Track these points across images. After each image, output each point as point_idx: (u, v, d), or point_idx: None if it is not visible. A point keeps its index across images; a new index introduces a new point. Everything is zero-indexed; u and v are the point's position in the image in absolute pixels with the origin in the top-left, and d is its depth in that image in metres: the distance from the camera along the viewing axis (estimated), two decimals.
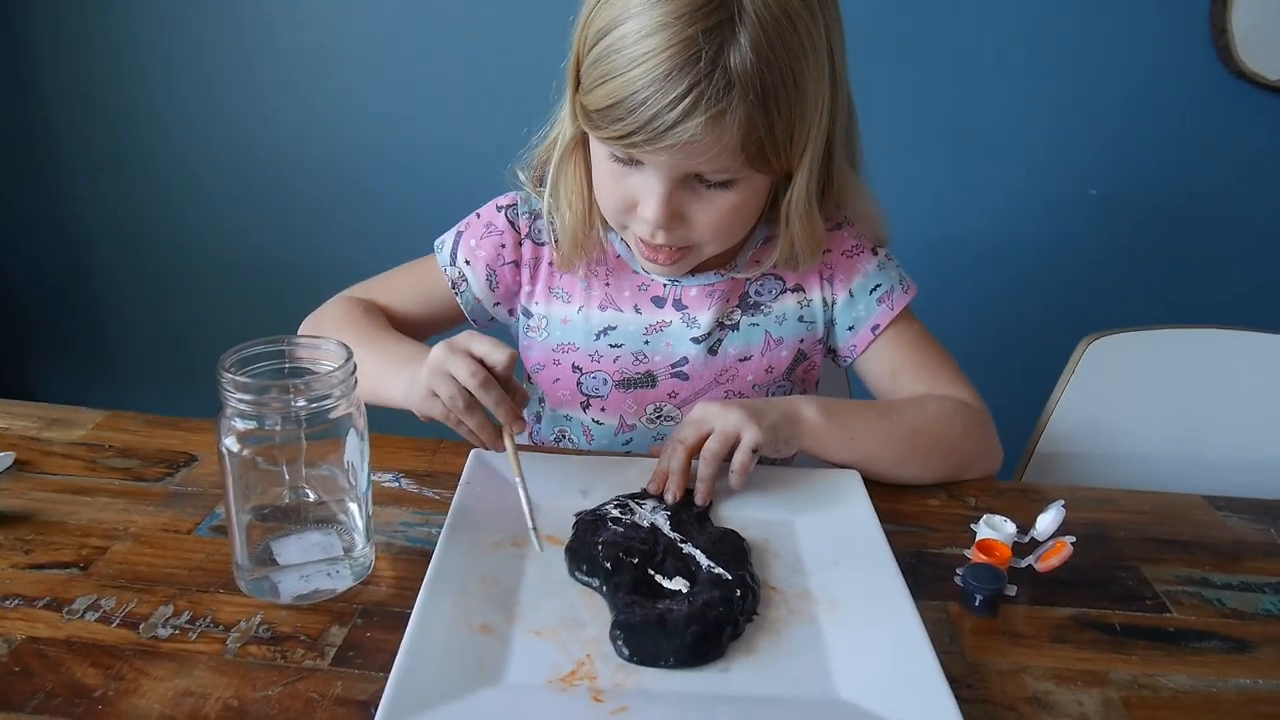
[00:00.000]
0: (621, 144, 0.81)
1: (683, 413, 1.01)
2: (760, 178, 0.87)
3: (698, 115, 0.76)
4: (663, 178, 0.83)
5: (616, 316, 1.01)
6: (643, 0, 0.77)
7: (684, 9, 0.75)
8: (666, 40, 0.76)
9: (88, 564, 0.73)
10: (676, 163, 0.81)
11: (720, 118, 0.77)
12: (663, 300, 1.00)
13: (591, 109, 0.81)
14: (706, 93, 0.76)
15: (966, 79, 1.80)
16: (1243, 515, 0.91)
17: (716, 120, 0.77)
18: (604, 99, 0.79)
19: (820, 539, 0.79)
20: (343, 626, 0.68)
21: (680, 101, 0.76)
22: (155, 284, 2.10)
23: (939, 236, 1.90)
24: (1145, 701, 0.65)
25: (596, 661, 0.64)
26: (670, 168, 0.82)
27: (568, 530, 0.77)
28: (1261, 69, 1.72)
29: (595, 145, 0.88)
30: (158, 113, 1.93)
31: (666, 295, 1.00)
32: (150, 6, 1.84)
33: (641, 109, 0.77)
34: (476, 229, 1.03)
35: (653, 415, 1.03)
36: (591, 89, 0.81)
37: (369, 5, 1.82)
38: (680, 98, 0.76)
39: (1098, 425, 1.18)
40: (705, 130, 0.77)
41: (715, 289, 0.99)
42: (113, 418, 0.96)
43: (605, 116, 0.80)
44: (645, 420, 1.03)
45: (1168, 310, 1.92)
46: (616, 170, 0.87)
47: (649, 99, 0.77)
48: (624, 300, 1.01)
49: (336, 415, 0.68)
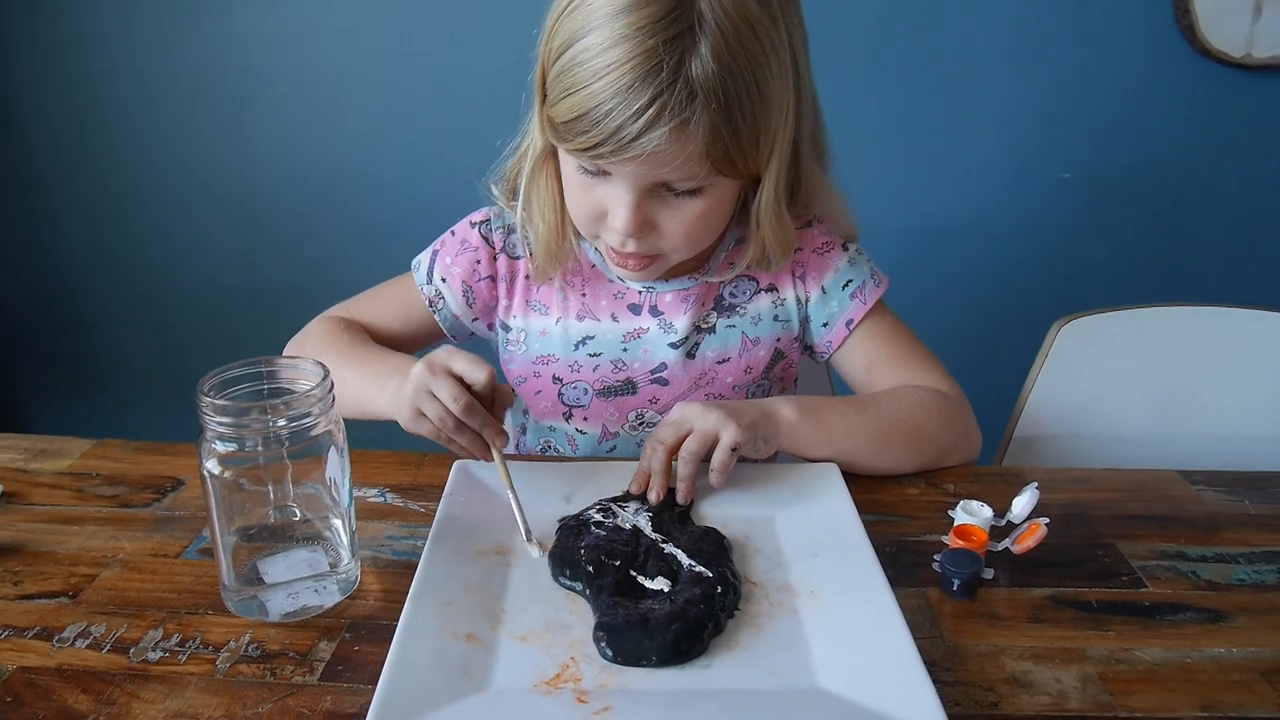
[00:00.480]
0: (588, 155, 0.82)
1: (664, 418, 1.02)
2: (727, 183, 0.87)
3: (661, 125, 0.77)
4: (631, 188, 0.84)
5: (594, 326, 1.02)
6: (604, 13, 0.78)
7: (644, 20, 0.76)
8: (628, 52, 0.76)
9: (77, 592, 0.74)
10: (643, 173, 0.82)
11: (684, 127, 0.78)
12: (639, 307, 1.01)
13: (558, 121, 0.82)
14: (670, 103, 0.77)
15: (937, 68, 1.82)
16: (1218, 488, 0.93)
17: (681, 130, 0.78)
18: (569, 111, 0.80)
19: (800, 532, 0.80)
20: (331, 641, 0.69)
21: (644, 113, 0.77)
22: (141, 310, 2.11)
23: (914, 224, 1.92)
24: (1122, 675, 0.67)
25: (581, 664, 0.65)
26: (637, 178, 0.83)
27: (552, 536, 0.78)
28: (1225, 47, 1.74)
29: (564, 156, 0.89)
30: (139, 137, 1.94)
31: (643, 302, 1.01)
32: (129, 31, 1.85)
33: (606, 121, 0.78)
34: (451, 246, 1.04)
35: (635, 422, 1.04)
36: (557, 101, 0.82)
37: (345, 25, 1.83)
38: (643, 109, 0.77)
39: (1074, 407, 1.19)
40: (670, 140, 0.78)
41: (690, 293, 1.01)
42: (100, 446, 0.97)
43: (571, 129, 0.81)
44: (628, 427, 1.04)
45: (1141, 290, 1.94)
46: (585, 181, 0.88)
47: (613, 111, 0.78)
48: (601, 309, 1.02)
49: (316, 433, 0.69)
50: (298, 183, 1.96)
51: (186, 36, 1.85)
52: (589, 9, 0.79)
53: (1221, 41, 1.73)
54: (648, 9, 0.76)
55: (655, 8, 0.76)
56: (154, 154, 1.96)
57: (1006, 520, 0.82)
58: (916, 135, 1.87)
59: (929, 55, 1.81)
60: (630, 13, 0.77)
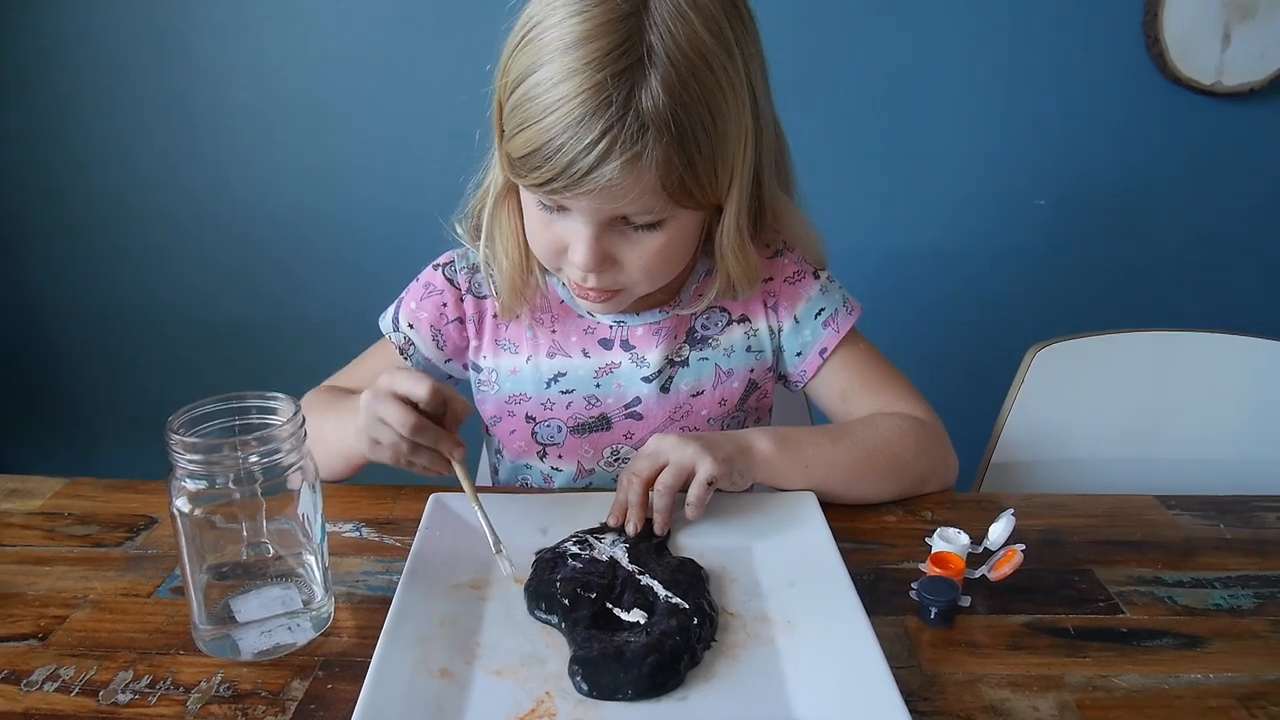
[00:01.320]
0: (543, 190, 0.82)
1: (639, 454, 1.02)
2: (688, 215, 0.87)
3: (613, 159, 0.77)
4: (589, 222, 0.84)
5: (565, 363, 1.01)
6: (555, 48, 0.78)
7: (593, 55, 0.76)
8: (577, 86, 0.76)
9: (46, 634, 0.73)
10: (598, 206, 0.82)
11: (636, 160, 0.78)
12: (610, 342, 1.01)
13: (514, 156, 0.82)
14: (620, 136, 0.77)
15: (913, 98, 1.84)
16: (1194, 513, 0.93)
17: (633, 163, 0.78)
18: (523, 146, 0.80)
19: (777, 562, 0.80)
20: (304, 680, 0.68)
21: (594, 146, 0.77)
22: (113, 345, 2.09)
23: (890, 251, 1.93)
24: (1099, 703, 0.66)
25: (556, 698, 0.64)
26: (594, 212, 0.83)
27: (528, 569, 0.78)
28: (1195, 75, 1.76)
29: (524, 192, 0.89)
30: (110, 172, 1.93)
31: (614, 337, 1.01)
32: (96, 65, 1.85)
33: (558, 156, 0.78)
34: (416, 291, 1.04)
35: (610, 458, 1.03)
36: (512, 136, 0.82)
37: (316, 57, 1.83)
38: (594, 143, 0.77)
39: (1050, 432, 1.19)
40: (622, 173, 0.78)
41: (661, 326, 1.00)
42: (71, 485, 0.96)
43: (525, 164, 0.81)
44: (603, 464, 1.03)
45: (1116, 315, 1.96)
46: (544, 216, 0.87)
47: (564, 145, 0.78)
48: (571, 345, 1.01)
49: (286, 469, 0.69)
50: (271, 218, 1.96)
51: (155, 69, 1.85)
52: (540, 44, 0.79)
53: (1192, 70, 1.76)
54: (597, 43, 0.76)
55: (605, 41, 0.76)
56: (125, 188, 1.95)
57: (984, 547, 0.82)
58: (893, 163, 1.89)
59: (906, 84, 1.83)
60: (579, 46, 0.77)
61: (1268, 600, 0.79)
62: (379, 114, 1.87)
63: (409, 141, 1.88)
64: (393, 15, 1.80)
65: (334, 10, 1.80)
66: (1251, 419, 1.21)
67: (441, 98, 1.80)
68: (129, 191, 1.95)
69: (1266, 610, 0.78)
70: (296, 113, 1.88)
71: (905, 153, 1.88)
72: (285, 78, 1.86)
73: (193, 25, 1.82)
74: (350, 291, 1.95)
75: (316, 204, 1.94)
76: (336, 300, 1.98)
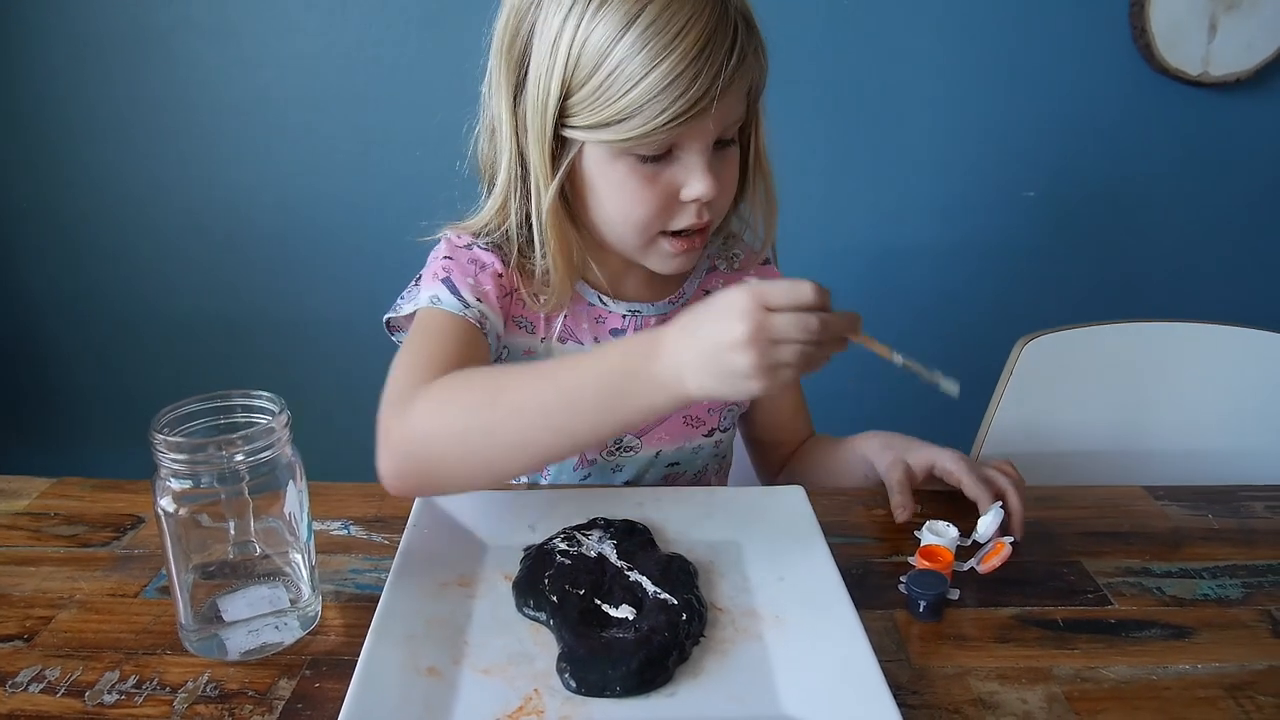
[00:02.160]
0: (668, 130, 0.81)
1: (642, 441, 1.02)
2: None
3: (746, 64, 0.82)
4: (703, 149, 0.86)
5: (576, 348, 1.01)
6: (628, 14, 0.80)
7: None
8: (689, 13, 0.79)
9: (32, 635, 0.72)
10: (718, 121, 0.84)
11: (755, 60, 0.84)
12: (621, 332, 1.01)
13: (614, 122, 0.82)
14: (749, 41, 0.82)
15: (899, 90, 1.84)
16: (1182, 503, 0.93)
17: (754, 63, 0.84)
18: (636, 103, 0.80)
19: (766, 557, 0.80)
20: (291, 679, 0.68)
21: (731, 55, 0.81)
22: (100, 346, 2.08)
23: (880, 245, 1.93)
24: (1087, 695, 0.67)
25: (544, 695, 0.64)
26: (709, 134, 0.85)
27: (517, 566, 0.77)
28: (1183, 65, 1.76)
29: (609, 168, 0.87)
30: (95, 172, 1.92)
31: (625, 327, 1.01)
32: (77, 64, 1.84)
33: (697, 81, 0.80)
34: (468, 269, 0.95)
35: (612, 447, 1.03)
36: (607, 107, 0.82)
37: (299, 56, 1.83)
38: (728, 54, 0.80)
39: (1040, 424, 1.20)
40: (741, 77, 0.82)
41: (670, 317, 1.00)
42: (58, 485, 0.96)
43: (643, 117, 0.81)
44: (604, 452, 1.03)
45: (1105, 306, 1.96)
46: (647, 173, 0.87)
47: (701, 70, 0.79)
48: (583, 332, 1.01)
49: (272, 468, 0.68)
50: (256, 218, 1.95)
51: (137, 68, 1.84)
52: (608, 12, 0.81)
53: (1179, 60, 1.76)
54: None
55: None
56: (110, 188, 1.94)
57: (972, 540, 0.82)
58: (882, 157, 1.89)
59: (893, 78, 1.83)
60: None
61: (1255, 590, 0.79)
62: (363, 113, 1.86)
63: (394, 141, 1.87)
64: (378, 13, 1.80)
65: (318, 8, 1.79)
66: (1239, 408, 1.21)
67: (426, 97, 1.78)
68: (114, 191, 1.94)
69: (1254, 600, 0.78)
70: (281, 112, 1.87)
71: (894, 147, 1.88)
72: (268, 77, 1.84)
73: (175, 24, 1.80)
74: (335, 291, 1.95)
75: (301, 203, 1.93)
76: (322, 299, 1.97)
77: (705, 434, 1.05)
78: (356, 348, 1.80)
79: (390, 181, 1.89)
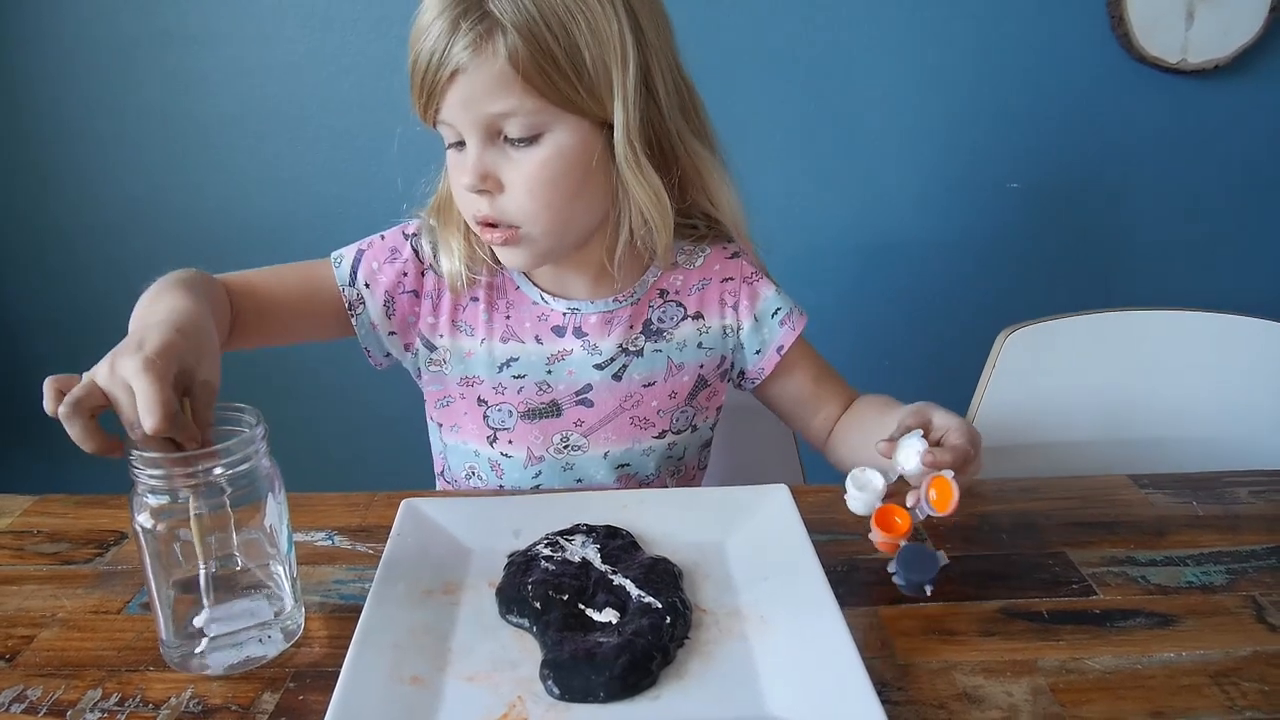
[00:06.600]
0: (425, 108, 0.88)
1: (589, 441, 1.02)
2: (567, 134, 0.88)
3: (461, 37, 0.83)
4: (471, 135, 0.87)
5: (518, 348, 1.02)
6: None
7: None
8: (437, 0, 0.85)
9: (14, 655, 0.72)
10: (469, 106, 0.85)
11: (485, 40, 0.82)
12: (563, 329, 1.02)
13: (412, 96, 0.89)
14: (468, 14, 0.82)
15: (881, 82, 1.83)
16: (1166, 491, 0.93)
17: (481, 43, 0.82)
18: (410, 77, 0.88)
19: (750, 557, 0.80)
20: (275, 692, 0.67)
21: (452, 33, 0.83)
22: (82, 359, 2.05)
23: (862, 239, 1.92)
24: (1073, 685, 0.67)
25: (528, 702, 0.64)
26: (469, 120, 0.86)
27: (501, 573, 0.77)
28: (1161, 53, 1.77)
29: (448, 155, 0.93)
30: (77, 184, 1.92)
31: (566, 324, 1.02)
32: (63, 74, 1.83)
33: (421, 57, 0.85)
34: (380, 252, 1.03)
35: (560, 445, 1.03)
36: None
37: (286, 64, 1.82)
38: (449, 29, 0.83)
39: (1023, 415, 1.20)
40: (474, 57, 0.83)
41: (614, 315, 1.01)
42: (41, 502, 0.95)
43: (412, 89, 0.88)
44: (553, 451, 1.03)
45: (1086, 295, 1.96)
46: (452, 159, 0.91)
47: (432, 47, 0.84)
48: (525, 331, 1.02)
49: (250, 481, 0.68)
50: (240, 228, 1.93)
51: (123, 78, 1.83)
52: None
53: (1157, 48, 1.76)
54: None
55: None
56: (93, 199, 1.92)
57: (898, 477, 0.81)
58: (861, 150, 1.88)
59: (872, 70, 1.82)
60: None
61: (1239, 576, 0.79)
62: (349, 120, 1.86)
63: (380, 146, 1.87)
64: (364, 19, 1.79)
65: (304, 16, 1.79)
66: (1222, 395, 1.21)
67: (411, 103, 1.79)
68: (97, 202, 1.93)
69: (1238, 586, 0.78)
70: (267, 120, 1.86)
71: (873, 140, 1.87)
72: (254, 85, 1.84)
73: (162, 33, 1.80)
74: None
75: (286, 213, 1.92)
76: None
77: (656, 436, 1.04)
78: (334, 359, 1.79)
79: (378, 189, 1.88)
